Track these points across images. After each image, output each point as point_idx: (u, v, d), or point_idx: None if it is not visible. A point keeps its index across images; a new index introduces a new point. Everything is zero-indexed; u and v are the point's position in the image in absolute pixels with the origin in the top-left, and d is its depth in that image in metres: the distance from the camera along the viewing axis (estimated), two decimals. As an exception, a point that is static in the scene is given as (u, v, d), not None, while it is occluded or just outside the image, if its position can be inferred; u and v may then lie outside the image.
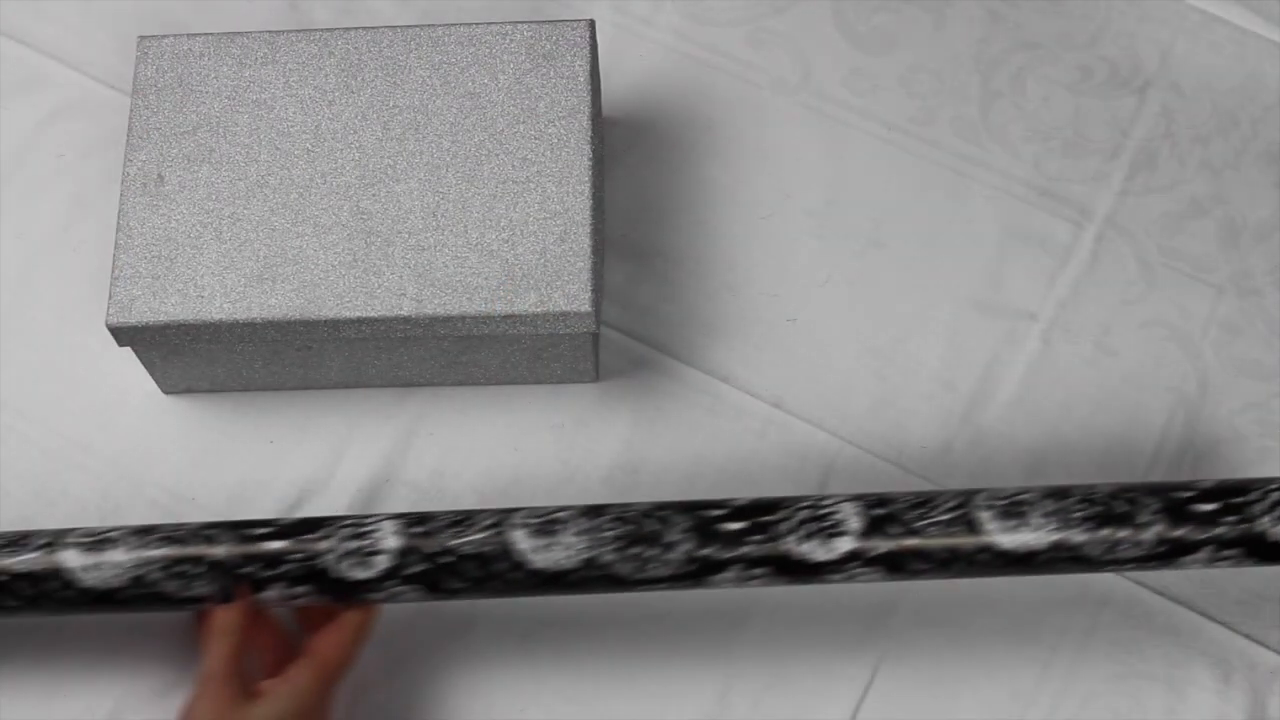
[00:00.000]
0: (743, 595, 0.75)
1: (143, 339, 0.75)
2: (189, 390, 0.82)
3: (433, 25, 0.80)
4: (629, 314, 0.84)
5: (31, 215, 0.87)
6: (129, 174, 0.77)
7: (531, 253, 0.75)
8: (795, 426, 0.82)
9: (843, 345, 0.84)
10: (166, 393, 0.83)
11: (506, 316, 0.74)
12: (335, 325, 0.74)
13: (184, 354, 0.78)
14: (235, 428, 0.82)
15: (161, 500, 0.80)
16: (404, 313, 0.74)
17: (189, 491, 0.80)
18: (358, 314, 0.74)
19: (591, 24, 0.80)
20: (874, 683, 0.76)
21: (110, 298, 0.74)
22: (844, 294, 0.85)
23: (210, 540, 0.69)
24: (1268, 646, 0.77)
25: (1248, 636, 0.77)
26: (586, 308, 0.74)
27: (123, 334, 0.75)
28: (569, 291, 0.74)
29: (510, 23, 0.80)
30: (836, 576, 0.69)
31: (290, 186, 0.77)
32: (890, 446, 0.81)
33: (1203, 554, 0.69)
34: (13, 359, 0.83)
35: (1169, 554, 0.69)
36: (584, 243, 0.75)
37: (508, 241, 0.75)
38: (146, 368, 0.80)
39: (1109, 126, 0.89)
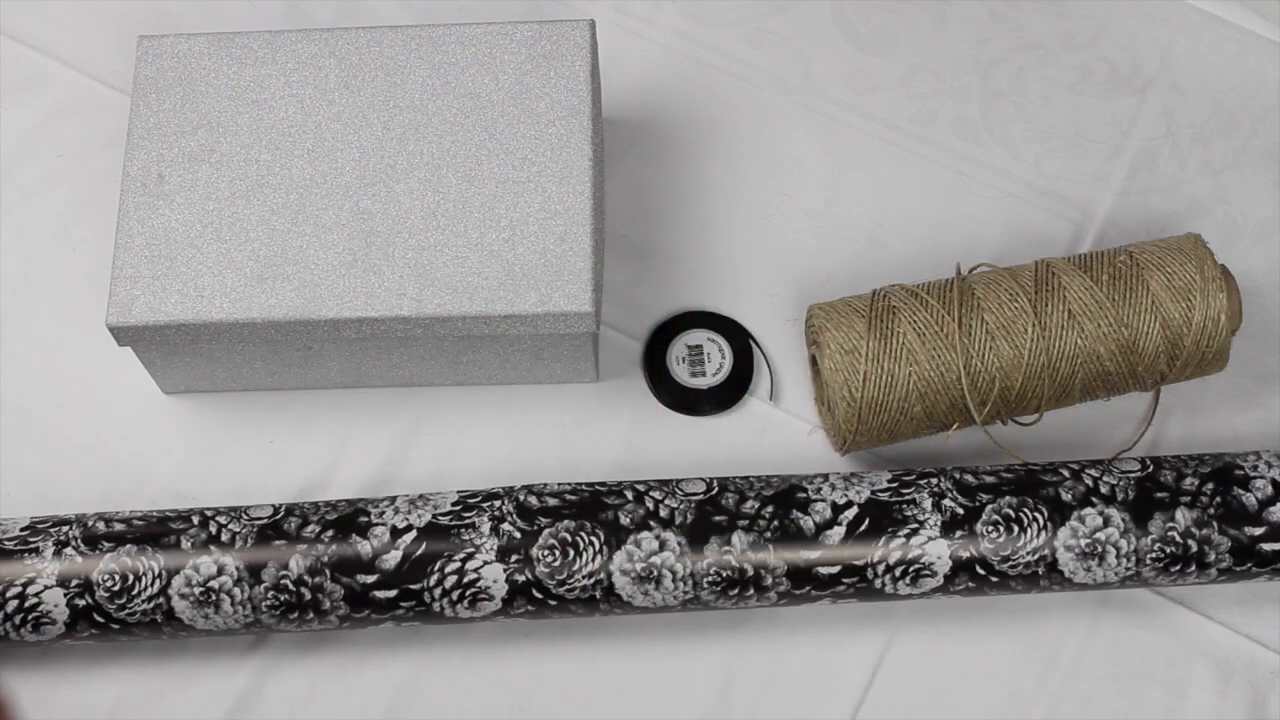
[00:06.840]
0: (743, 595, 0.75)
1: (143, 339, 0.75)
2: (189, 390, 0.82)
3: (433, 25, 0.80)
4: (629, 314, 0.84)
5: (31, 215, 0.87)
6: (129, 174, 0.77)
7: (532, 253, 0.75)
8: (795, 426, 0.82)
9: (843, 345, 0.83)
10: (166, 393, 0.83)
11: (507, 316, 0.74)
12: (335, 325, 0.74)
13: (184, 354, 0.78)
14: (235, 428, 0.82)
15: (161, 500, 0.80)
16: (404, 313, 0.74)
17: (189, 491, 0.80)
18: (358, 314, 0.74)
19: (592, 24, 0.80)
20: (874, 683, 0.76)
21: (110, 298, 0.74)
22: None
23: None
24: (1268, 646, 0.77)
25: (1248, 636, 0.77)
26: (587, 308, 0.74)
27: (123, 334, 0.75)
28: (569, 291, 0.74)
29: (510, 23, 0.80)
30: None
31: (290, 186, 0.76)
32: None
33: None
34: (13, 359, 0.83)
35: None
36: (584, 243, 0.75)
37: (508, 241, 0.75)
38: (146, 368, 0.80)
39: (1109, 126, 0.89)
